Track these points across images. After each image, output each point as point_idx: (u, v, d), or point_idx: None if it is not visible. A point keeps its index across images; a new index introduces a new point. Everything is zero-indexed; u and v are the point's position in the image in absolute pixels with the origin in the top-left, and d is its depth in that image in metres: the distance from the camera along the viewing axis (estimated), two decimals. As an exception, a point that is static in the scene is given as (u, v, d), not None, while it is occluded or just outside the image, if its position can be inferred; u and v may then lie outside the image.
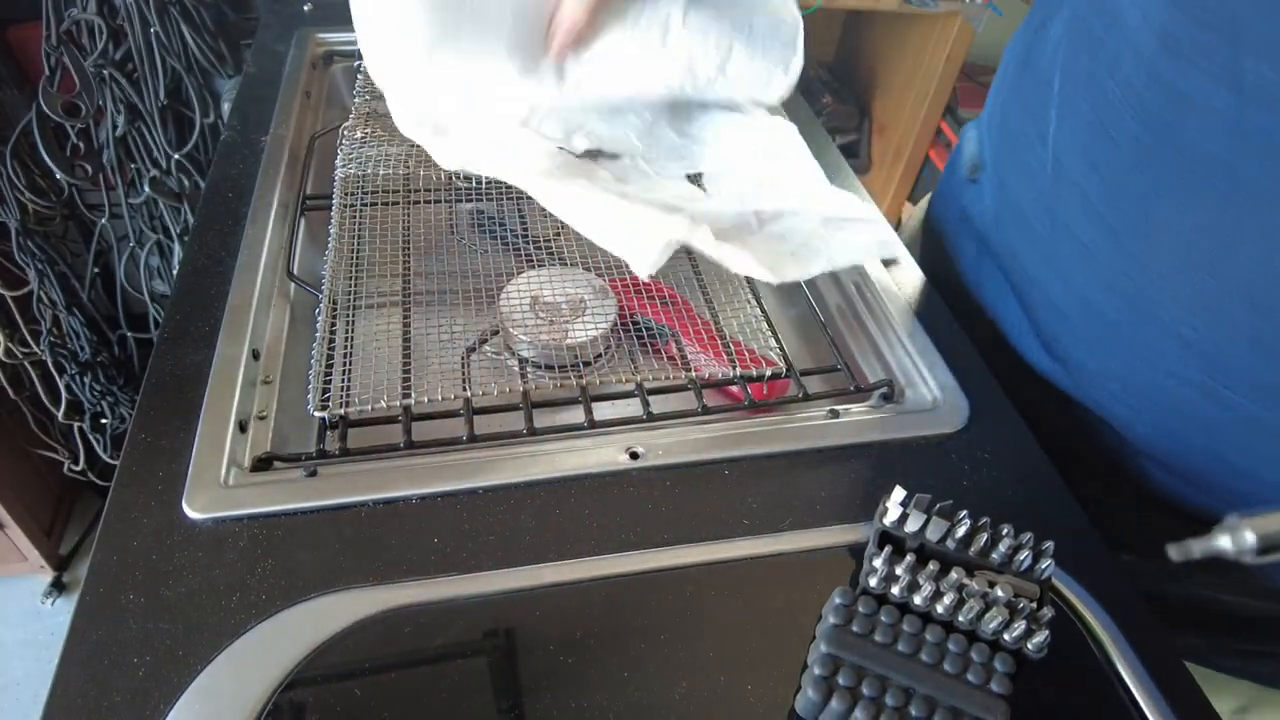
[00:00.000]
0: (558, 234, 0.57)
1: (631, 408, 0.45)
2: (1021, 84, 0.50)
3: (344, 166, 0.57)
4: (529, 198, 0.46)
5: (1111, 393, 0.47)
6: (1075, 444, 0.49)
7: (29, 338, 1.12)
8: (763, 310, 0.52)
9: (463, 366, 0.47)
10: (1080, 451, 0.49)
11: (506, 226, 0.58)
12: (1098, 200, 0.43)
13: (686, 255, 0.56)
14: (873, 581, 0.35)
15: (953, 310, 0.53)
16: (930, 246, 0.64)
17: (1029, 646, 0.33)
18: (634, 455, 0.43)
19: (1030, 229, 0.49)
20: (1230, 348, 0.39)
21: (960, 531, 0.36)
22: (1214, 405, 0.41)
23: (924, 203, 0.68)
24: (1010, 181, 0.52)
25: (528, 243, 0.57)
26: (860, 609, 0.34)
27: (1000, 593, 0.34)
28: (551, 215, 0.46)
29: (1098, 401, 0.48)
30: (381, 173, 0.57)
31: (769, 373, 0.48)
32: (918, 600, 0.34)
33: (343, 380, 0.44)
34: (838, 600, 0.34)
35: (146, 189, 1.07)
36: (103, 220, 1.10)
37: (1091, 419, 0.50)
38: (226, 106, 1.02)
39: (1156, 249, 0.40)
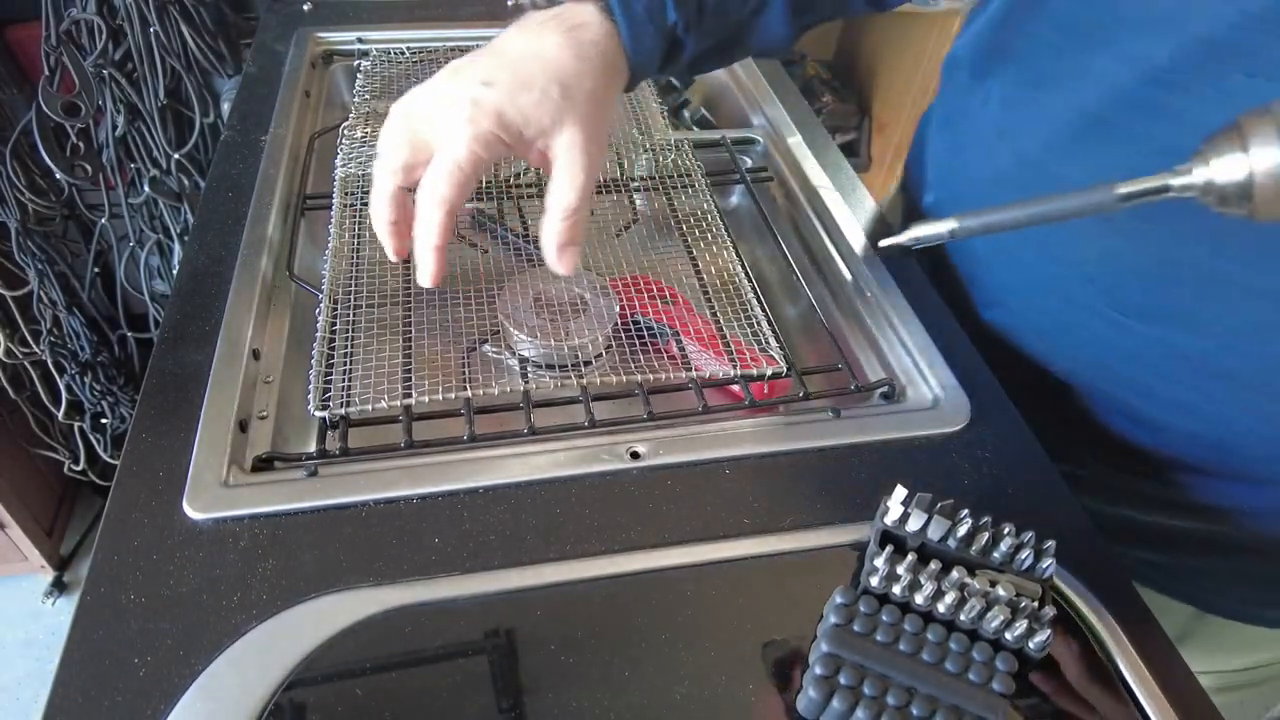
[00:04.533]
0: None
1: (632, 407, 0.45)
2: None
3: (344, 166, 0.57)
4: (529, 197, 0.46)
5: (1038, 330, 0.53)
6: (1018, 376, 0.54)
7: (29, 338, 1.12)
8: (763, 309, 0.52)
9: (463, 366, 0.47)
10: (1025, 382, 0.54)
11: (506, 226, 0.58)
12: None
13: (687, 254, 0.56)
14: (874, 581, 0.35)
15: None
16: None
17: (1030, 645, 0.33)
18: (635, 455, 0.43)
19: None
20: (1125, 279, 0.46)
21: (961, 531, 0.36)
22: (1118, 332, 0.47)
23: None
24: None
25: (528, 243, 0.57)
26: (861, 608, 0.34)
27: (1002, 592, 0.34)
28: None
29: (1028, 343, 0.54)
30: (381, 172, 0.57)
31: (770, 372, 0.48)
32: (919, 599, 0.34)
33: (343, 380, 0.44)
34: (839, 599, 0.34)
35: (146, 189, 1.07)
36: (103, 220, 1.10)
37: (1024, 358, 0.55)
38: (226, 106, 1.02)
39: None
